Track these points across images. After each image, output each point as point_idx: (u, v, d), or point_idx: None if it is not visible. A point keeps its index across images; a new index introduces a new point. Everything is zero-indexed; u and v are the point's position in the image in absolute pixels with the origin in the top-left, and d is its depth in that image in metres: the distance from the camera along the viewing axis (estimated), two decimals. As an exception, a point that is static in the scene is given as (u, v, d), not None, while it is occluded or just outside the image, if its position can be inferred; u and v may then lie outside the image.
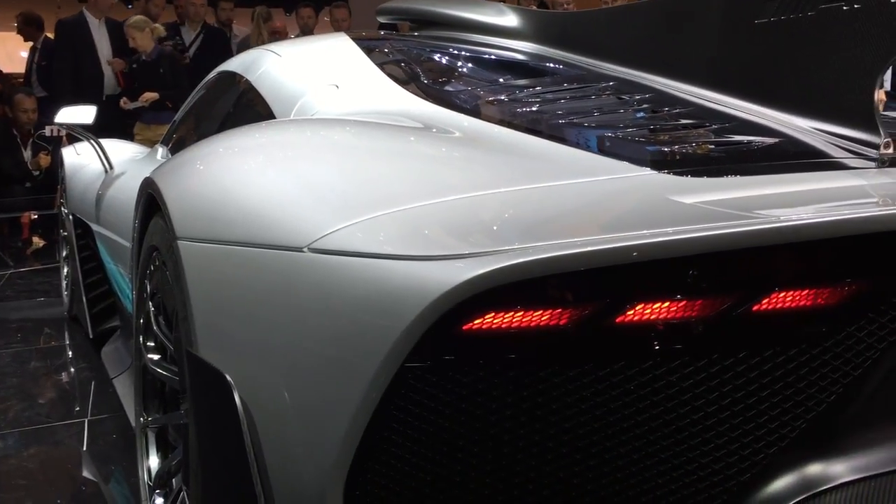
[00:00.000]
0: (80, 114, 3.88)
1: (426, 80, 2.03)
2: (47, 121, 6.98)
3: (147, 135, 6.07)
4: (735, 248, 1.08)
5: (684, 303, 1.09)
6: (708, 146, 1.46)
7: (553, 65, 2.15)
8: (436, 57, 2.31)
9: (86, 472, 2.40)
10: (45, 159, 7.40)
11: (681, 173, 1.28)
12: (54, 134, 7.32)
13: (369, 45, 2.32)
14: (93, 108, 3.94)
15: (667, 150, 1.41)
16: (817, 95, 1.49)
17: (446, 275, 1.06)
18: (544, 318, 1.08)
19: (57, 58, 7.09)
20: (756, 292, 1.10)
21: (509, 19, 2.44)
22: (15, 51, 11.82)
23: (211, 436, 1.36)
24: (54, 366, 3.38)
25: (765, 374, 1.12)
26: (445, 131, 1.59)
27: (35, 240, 6.51)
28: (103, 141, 3.54)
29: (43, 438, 2.62)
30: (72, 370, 3.36)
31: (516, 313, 1.08)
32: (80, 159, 3.90)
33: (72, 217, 3.73)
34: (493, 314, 1.07)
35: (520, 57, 2.29)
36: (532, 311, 1.08)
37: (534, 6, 6.67)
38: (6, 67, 10.14)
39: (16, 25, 8.37)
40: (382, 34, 2.95)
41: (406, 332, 1.07)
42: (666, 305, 1.08)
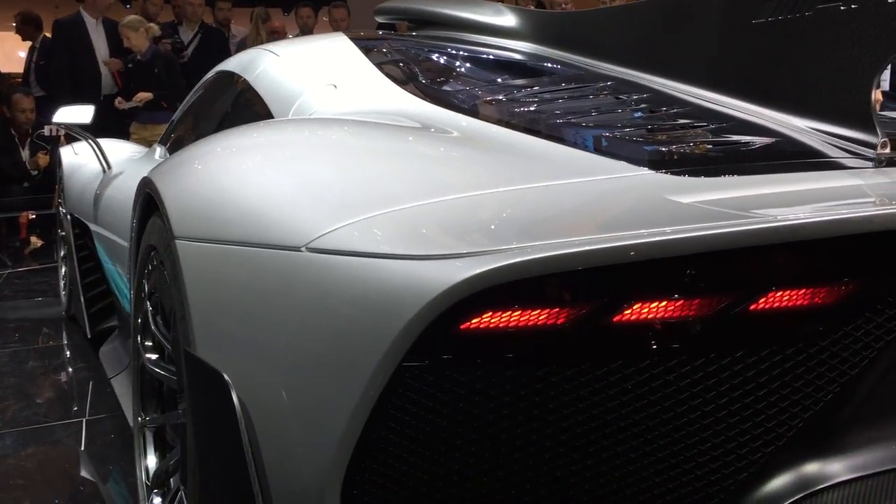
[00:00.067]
0: (79, 113, 3.87)
1: (424, 80, 2.03)
2: (45, 120, 6.98)
3: (143, 134, 6.07)
4: (732, 248, 1.08)
5: (681, 302, 1.09)
6: (705, 146, 1.47)
7: (551, 65, 2.15)
8: (434, 57, 2.31)
9: (84, 472, 2.39)
10: (43, 159, 7.40)
11: (678, 173, 1.28)
12: (53, 133, 7.32)
13: (367, 44, 2.31)
14: (91, 108, 3.93)
15: (664, 149, 1.42)
16: (814, 95, 1.49)
17: (444, 274, 1.06)
18: (542, 317, 1.08)
19: (54, 57, 7.09)
20: (753, 292, 1.10)
21: (507, 19, 2.44)
22: (13, 50, 11.81)
23: (209, 435, 1.36)
24: (52, 365, 3.38)
25: (762, 373, 1.12)
26: (443, 131, 1.59)
27: (33, 239, 6.49)
28: (101, 141, 3.54)
29: (41, 438, 2.62)
30: (70, 370, 3.36)
31: (514, 313, 1.08)
32: (78, 159, 3.89)
33: (70, 217, 3.73)
34: (491, 313, 1.07)
35: (518, 57, 2.29)
36: (530, 311, 1.08)
37: (531, 6, 6.67)
38: (4, 67, 10.12)
39: (14, 25, 8.36)
40: (381, 34, 2.95)
41: (404, 332, 1.07)
42: (663, 305, 1.09)
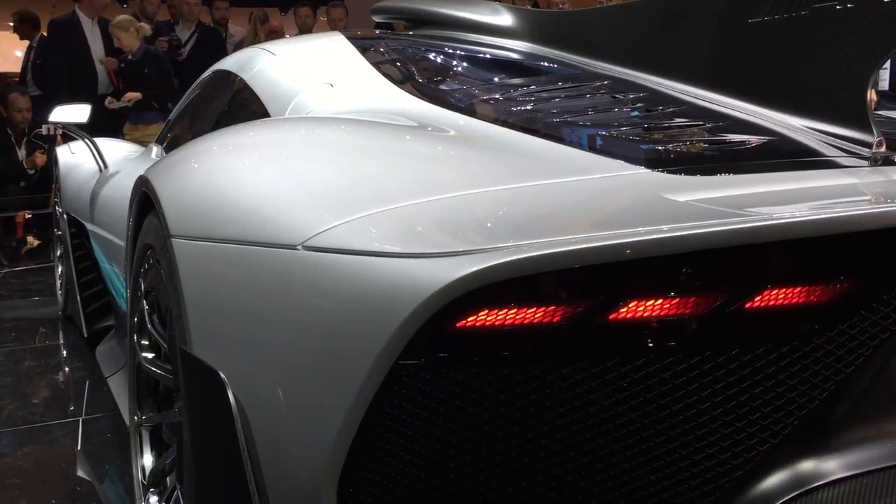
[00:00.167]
0: (75, 112, 3.86)
1: (421, 79, 2.03)
2: (42, 119, 6.97)
3: (135, 135, 6.07)
4: (728, 246, 1.08)
5: (677, 300, 1.09)
6: (701, 145, 1.47)
7: (548, 64, 2.16)
8: (431, 56, 2.31)
9: (80, 471, 2.39)
10: (41, 158, 7.38)
11: (674, 171, 1.28)
12: (51, 132, 7.31)
13: (364, 43, 2.32)
14: (87, 107, 3.92)
15: (660, 148, 1.42)
16: (811, 94, 1.49)
17: (440, 272, 1.06)
18: (538, 315, 1.08)
19: (51, 57, 7.08)
20: (749, 289, 1.10)
21: (504, 18, 2.44)
22: (10, 50, 11.78)
23: (205, 434, 1.36)
24: (49, 365, 3.37)
25: (758, 371, 1.12)
26: (440, 130, 1.59)
27: (30, 239, 6.49)
28: (98, 140, 3.53)
29: (37, 437, 2.61)
30: (66, 369, 3.36)
31: (510, 311, 1.08)
32: (74, 158, 3.89)
33: (66, 216, 3.72)
34: (487, 311, 1.07)
35: (514, 56, 2.29)
36: (526, 309, 1.08)
37: (528, 5, 6.68)
38: (1, 66, 10.12)
39: (11, 24, 8.35)
40: (378, 33, 2.95)
41: (400, 330, 1.07)
42: (659, 303, 1.09)
